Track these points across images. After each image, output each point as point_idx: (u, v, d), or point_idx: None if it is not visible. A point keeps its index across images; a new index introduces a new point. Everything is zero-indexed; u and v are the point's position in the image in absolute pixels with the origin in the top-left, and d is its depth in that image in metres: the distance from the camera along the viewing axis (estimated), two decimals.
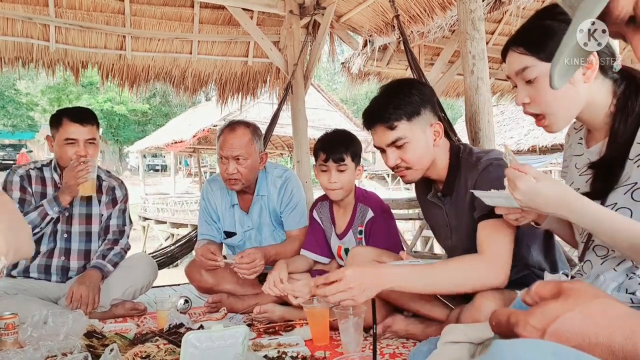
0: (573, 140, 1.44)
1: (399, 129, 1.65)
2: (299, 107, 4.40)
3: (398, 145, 1.67)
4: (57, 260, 2.54)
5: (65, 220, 2.57)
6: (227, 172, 2.35)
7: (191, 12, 4.50)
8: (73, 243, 2.57)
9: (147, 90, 4.89)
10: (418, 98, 1.66)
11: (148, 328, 2.18)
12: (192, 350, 1.40)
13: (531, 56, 1.26)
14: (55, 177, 2.56)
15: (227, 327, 1.48)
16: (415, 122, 1.65)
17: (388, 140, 1.67)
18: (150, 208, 18.10)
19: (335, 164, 2.12)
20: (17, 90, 27.81)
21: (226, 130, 2.39)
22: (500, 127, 13.91)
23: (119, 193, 2.69)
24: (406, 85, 1.74)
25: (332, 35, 4.91)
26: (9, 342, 1.83)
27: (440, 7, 4.18)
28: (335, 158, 2.12)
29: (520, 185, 1.17)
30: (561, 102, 1.25)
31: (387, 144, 1.68)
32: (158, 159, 32.28)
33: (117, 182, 2.73)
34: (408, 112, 1.65)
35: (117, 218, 2.66)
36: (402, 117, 1.64)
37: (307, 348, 1.73)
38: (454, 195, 1.74)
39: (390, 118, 1.64)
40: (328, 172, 2.15)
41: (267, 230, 2.55)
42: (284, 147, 18.13)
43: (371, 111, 1.73)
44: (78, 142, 2.44)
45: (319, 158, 2.18)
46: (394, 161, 1.69)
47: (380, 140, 1.70)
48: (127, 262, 2.63)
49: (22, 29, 3.98)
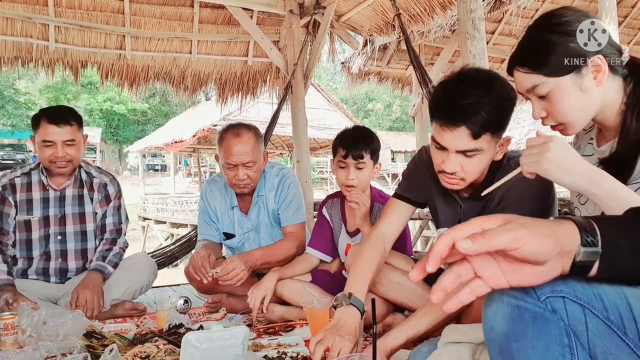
0: (582, 141, 1.43)
1: (481, 140, 1.40)
2: (298, 106, 4.40)
3: (469, 154, 1.43)
4: (54, 263, 2.52)
5: (58, 221, 2.52)
6: (238, 178, 2.32)
7: (191, 12, 4.50)
8: (69, 244, 2.54)
9: (146, 89, 4.89)
10: (508, 113, 1.43)
11: (148, 328, 2.18)
12: (191, 350, 1.40)
13: (537, 74, 1.23)
14: (43, 179, 2.51)
15: (227, 328, 1.48)
16: (496, 137, 1.44)
17: (463, 148, 1.42)
18: (150, 208, 18.10)
19: (354, 160, 2.10)
20: (17, 90, 27.80)
21: (230, 136, 2.32)
22: None
23: (111, 189, 2.62)
24: (503, 88, 1.42)
25: (332, 34, 4.91)
26: (8, 343, 1.83)
27: (440, 6, 4.18)
28: (355, 155, 2.09)
29: (551, 145, 1.12)
30: (577, 110, 1.24)
31: (460, 150, 1.43)
32: (158, 159, 32.27)
33: (108, 177, 2.65)
34: (497, 124, 1.42)
35: (113, 216, 2.59)
36: (491, 129, 1.40)
37: (306, 348, 1.73)
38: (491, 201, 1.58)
39: (482, 126, 1.37)
40: (346, 168, 2.12)
41: (265, 230, 2.54)
42: (283, 146, 18.12)
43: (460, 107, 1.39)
44: (55, 144, 2.38)
45: (337, 154, 2.15)
46: (451, 168, 1.46)
47: (454, 143, 1.42)
48: (126, 262, 2.62)
49: (21, 28, 3.97)
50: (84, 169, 2.62)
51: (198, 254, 2.29)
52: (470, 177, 1.49)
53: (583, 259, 0.63)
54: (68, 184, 2.54)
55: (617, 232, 0.64)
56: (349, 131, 2.21)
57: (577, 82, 1.20)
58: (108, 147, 32.86)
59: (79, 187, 2.57)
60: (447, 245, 0.61)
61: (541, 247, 0.60)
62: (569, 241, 0.62)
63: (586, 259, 0.63)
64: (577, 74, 1.20)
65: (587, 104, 1.23)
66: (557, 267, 0.63)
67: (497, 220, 0.63)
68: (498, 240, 0.59)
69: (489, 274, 0.63)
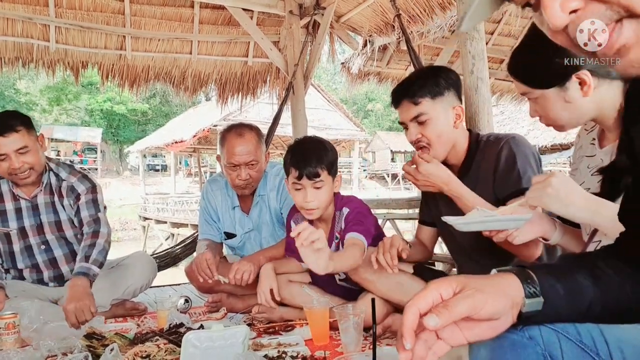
0: (584, 142, 1.45)
1: (422, 105, 1.76)
2: (299, 107, 4.40)
3: (420, 121, 1.77)
4: (47, 273, 2.46)
5: (37, 231, 2.41)
6: (240, 178, 2.33)
7: (191, 13, 4.50)
8: (55, 250, 2.45)
9: (147, 90, 4.89)
10: (443, 81, 1.78)
11: (148, 328, 2.19)
12: (192, 350, 1.40)
13: (524, 85, 1.37)
14: (13, 189, 2.37)
15: (227, 327, 1.48)
16: (438, 102, 1.77)
17: (411, 115, 1.78)
18: (151, 208, 18.11)
19: (310, 181, 1.89)
20: (17, 90, 27.83)
21: (232, 136, 2.32)
22: (500, 127, 13.89)
23: (80, 188, 2.39)
24: (434, 69, 1.91)
25: (332, 35, 4.91)
26: (9, 342, 1.84)
27: (439, 7, 4.18)
28: (310, 174, 1.88)
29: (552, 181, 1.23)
30: (566, 117, 1.34)
31: (410, 118, 1.78)
32: (158, 159, 32.26)
33: (76, 176, 2.42)
34: (433, 91, 1.76)
35: (87, 209, 2.37)
36: (426, 94, 1.76)
37: (307, 348, 1.74)
38: (471, 175, 1.80)
39: (416, 94, 1.76)
40: (303, 190, 1.91)
41: (266, 230, 2.55)
42: (283, 147, 18.13)
43: (399, 88, 1.85)
44: (8, 155, 2.19)
45: (290, 174, 1.94)
46: (414, 136, 1.79)
47: (405, 115, 1.80)
48: (126, 261, 2.62)
49: (22, 29, 3.97)
50: (54, 170, 2.42)
51: (203, 256, 2.27)
52: (435, 142, 1.77)
53: (529, 310, 0.69)
54: (39, 191, 2.39)
55: (553, 279, 0.71)
56: (299, 146, 1.99)
57: (560, 94, 1.31)
58: (109, 147, 32.87)
59: (50, 193, 2.41)
60: (415, 317, 0.66)
61: (498, 307, 0.67)
62: (516, 294, 0.68)
63: (531, 309, 0.69)
64: (561, 87, 1.30)
65: (576, 111, 1.32)
66: (508, 319, 0.69)
67: (452, 284, 0.68)
68: (460, 310, 0.65)
69: (448, 335, 0.68)
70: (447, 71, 1.85)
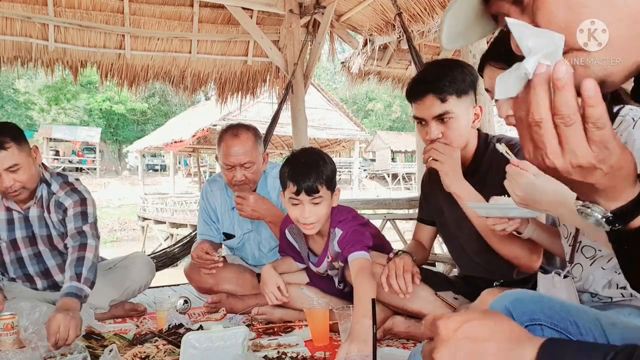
0: None
1: (449, 103, 1.64)
2: (298, 106, 4.40)
3: (444, 119, 1.66)
4: (41, 283, 2.42)
5: (29, 243, 2.33)
6: (235, 179, 2.33)
7: (190, 11, 4.50)
8: (48, 261, 2.38)
9: (146, 89, 4.89)
10: (469, 78, 1.68)
11: (147, 328, 2.18)
12: (191, 350, 1.40)
13: None
14: (5, 203, 2.28)
15: (226, 328, 1.48)
16: (463, 100, 1.67)
17: (435, 112, 1.65)
18: (150, 208, 18.10)
19: (308, 196, 1.79)
20: (16, 90, 27.82)
21: (228, 136, 2.32)
22: (500, 127, 13.91)
23: (67, 202, 2.26)
24: (460, 64, 1.76)
25: (332, 34, 4.91)
26: (8, 342, 1.83)
27: (440, 6, 4.17)
28: (309, 190, 1.78)
29: (521, 180, 1.18)
30: None
31: (434, 115, 1.66)
32: (157, 159, 32.25)
33: (64, 190, 2.28)
34: (460, 89, 1.65)
35: (74, 222, 2.23)
36: (454, 92, 1.64)
37: (306, 348, 1.73)
38: (479, 176, 1.73)
39: (444, 90, 1.63)
40: (300, 205, 1.82)
41: (265, 231, 2.53)
42: (283, 146, 18.13)
43: (424, 80, 1.70)
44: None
45: (287, 189, 1.84)
46: (435, 134, 1.67)
47: (427, 111, 1.67)
48: (124, 262, 2.61)
49: (21, 28, 3.97)
50: (47, 182, 2.30)
51: (198, 247, 2.37)
52: (455, 142, 1.68)
53: None
54: (32, 204, 2.28)
55: None
56: (297, 160, 1.87)
57: None
58: (107, 147, 32.85)
59: (41, 207, 2.30)
60: None
61: None
62: None
63: None
64: None
65: None
66: None
67: None
68: None
69: None
70: (471, 68, 1.74)
